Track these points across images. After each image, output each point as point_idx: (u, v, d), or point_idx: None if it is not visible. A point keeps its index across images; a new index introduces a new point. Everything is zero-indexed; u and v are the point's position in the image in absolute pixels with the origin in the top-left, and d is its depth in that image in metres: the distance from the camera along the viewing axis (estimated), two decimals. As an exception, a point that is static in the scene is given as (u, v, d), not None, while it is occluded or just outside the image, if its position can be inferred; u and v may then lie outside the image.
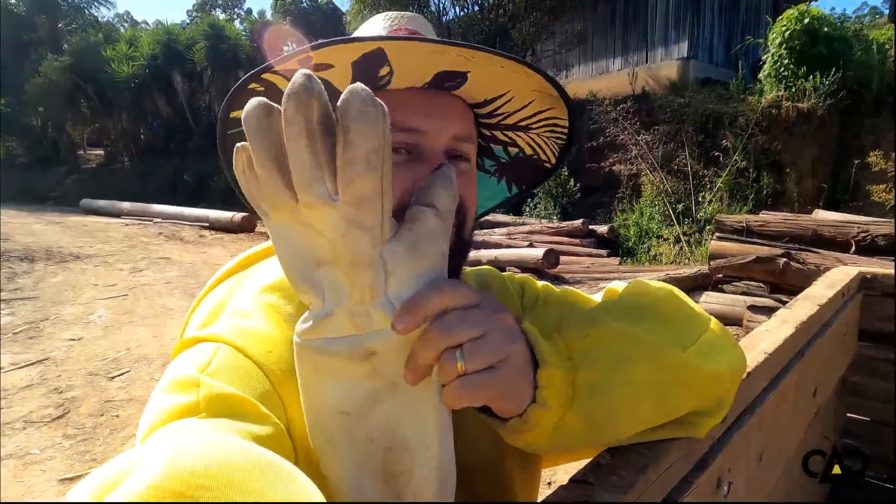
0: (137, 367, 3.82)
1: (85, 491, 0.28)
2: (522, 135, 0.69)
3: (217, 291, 0.70)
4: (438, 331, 0.41)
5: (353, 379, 0.42)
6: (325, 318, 0.41)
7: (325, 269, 0.41)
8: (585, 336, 0.48)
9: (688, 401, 0.52)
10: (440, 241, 0.42)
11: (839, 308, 1.16)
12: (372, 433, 0.43)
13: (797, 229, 4.38)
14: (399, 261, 0.40)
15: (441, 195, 0.43)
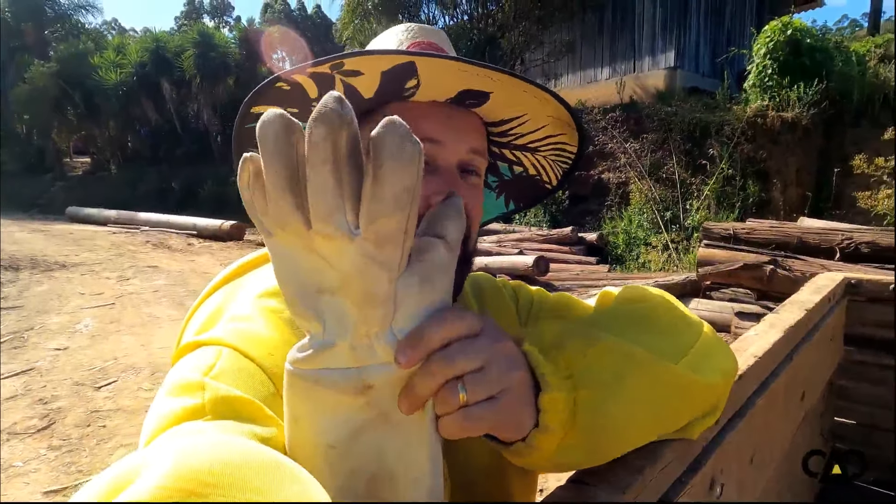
0: (125, 376, 3.77)
1: (93, 493, 0.28)
2: (529, 155, 0.70)
3: (213, 298, 0.70)
4: (440, 362, 0.40)
5: (345, 412, 0.40)
6: (324, 349, 0.39)
7: (329, 297, 0.39)
8: (585, 354, 0.48)
9: (685, 412, 0.53)
10: (449, 273, 0.42)
11: (825, 313, 1.18)
12: (355, 465, 0.41)
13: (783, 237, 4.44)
14: (410, 294, 0.39)
15: (451, 227, 0.42)
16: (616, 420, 0.46)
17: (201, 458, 0.28)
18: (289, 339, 0.57)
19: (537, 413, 0.44)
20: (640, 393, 0.48)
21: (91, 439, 2.97)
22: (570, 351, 0.48)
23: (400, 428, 0.41)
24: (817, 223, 5.31)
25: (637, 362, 0.49)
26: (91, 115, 16.35)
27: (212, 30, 17.11)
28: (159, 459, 0.28)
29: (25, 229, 10.87)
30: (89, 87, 15.54)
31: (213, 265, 7.64)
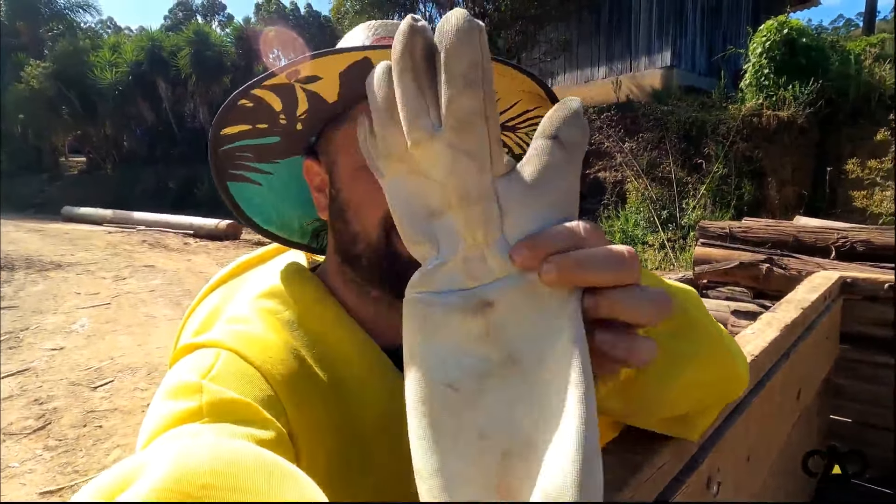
0: (121, 376, 3.76)
1: (91, 495, 0.28)
2: (510, 135, 0.69)
3: (211, 299, 0.70)
4: (636, 261, 0.34)
5: (464, 342, 0.34)
6: (437, 268, 0.36)
7: (438, 217, 0.37)
8: (674, 318, 0.46)
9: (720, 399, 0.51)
10: (565, 176, 0.36)
11: (821, 311, 1.18)
12: (485, 427, 0.33)
13: (779, 235, 4.46)
14: (516, 197, 0.35)
15: (565, 126, 0.36)
16: (670, 390, 0.45)
17: (199, 461, 0.28)
18: (287, 340, 0.57)
19: None
20: (699, 377, 0.46)
21: (87, 440, 2.96)
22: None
23: (534, 376, 0.32)
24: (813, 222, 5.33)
25: (709, 345, 0.47)
26: (87, 114, 16.29)
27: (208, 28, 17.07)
28: (157, 462, 0.28)
29: (21, 229, 10.83)
30: (85, 87, 15.49)
31: (209, 264, 7.62)
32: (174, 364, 0.55)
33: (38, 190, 16.76)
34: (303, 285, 0.63)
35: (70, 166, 19.02)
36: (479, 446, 0.33)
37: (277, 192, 0.68)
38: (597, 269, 0.32)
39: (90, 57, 15.70)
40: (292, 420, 0.52)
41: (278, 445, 0.46)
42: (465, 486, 0.32)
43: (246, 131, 0.59)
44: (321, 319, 0.61)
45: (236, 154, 0.62)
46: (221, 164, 0.62)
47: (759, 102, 8.07)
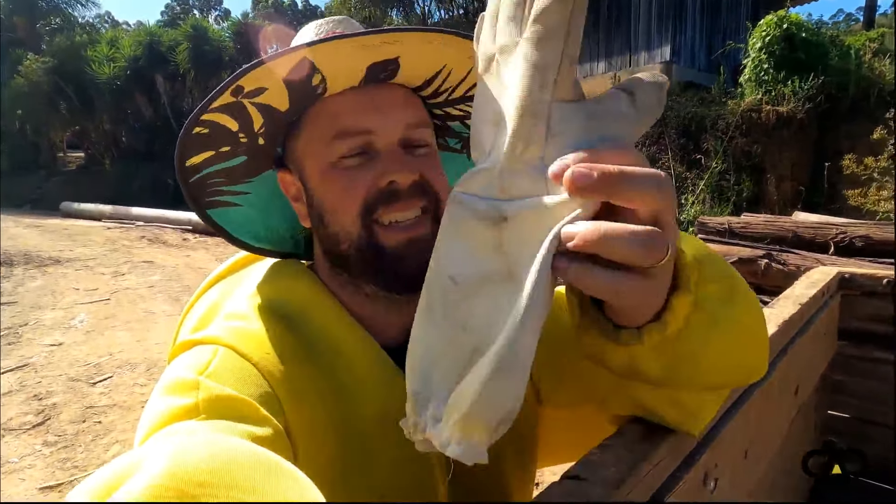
0: (120, 372, 3.76)
1: (86, 492, 0.28)
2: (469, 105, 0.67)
3: (209, 294, 0.70)
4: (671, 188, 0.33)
5: (479, 246, 0.37)
6: (479, 171, 0.38)
7: (498, 125, 0.37)
8: (719, 282, 0.44)
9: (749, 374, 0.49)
10: (628, 126, 0.36)
11: (820, 307, 1.18)
12: (469, 322, 0.37)
13: (778, 231, 4.46)
14: (570, 124, 0.35)
15: (645, 86, 0.37)
16: (708, 356, 0.43)
17: (194, 458, 0.28)
18: (285, 337, 0.57)
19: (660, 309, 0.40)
20: (738, 345, 0.45)
21: (86, 435, 2.97)
22: (706, 271, 0.43)
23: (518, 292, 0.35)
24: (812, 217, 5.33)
25: (751, 314, 0.46)
26: (85, 109, 16.23)
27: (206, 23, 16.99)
28: (152, 459, 0.28)
29: (20, 225, 10.81)
30: (83, 82, 15.42)
31: (208, 260, 7.62)
32: (172, 360, 0.55)
33: (36, 186, 16.72)
34: (301, 282, 0.63)
35: (68, 162, 18.96)
36: (460, 336, 0.38)
37: (260, 208, 0.68)
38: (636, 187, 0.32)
39: (88, 52, 15.62)
40: (290, 417, 0.52)
41: (275, 443, 0.46)
42: (438, 361, 0.39)
43: (210, 157, 0.59)
44: (320, 316, 0.61)
45: (208, 182, 0.62)
46: (195, 194, 0.62)
47: (758, 98, 8.06)
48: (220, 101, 0.53)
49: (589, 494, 0.44)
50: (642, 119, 0.37)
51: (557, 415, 0.72)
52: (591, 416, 0.65)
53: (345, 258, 0.60)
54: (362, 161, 0.57)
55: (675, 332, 0.40)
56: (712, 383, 0.46)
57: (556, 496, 0.44)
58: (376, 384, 0.59)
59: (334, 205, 0.59)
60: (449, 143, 0.74)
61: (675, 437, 0.54)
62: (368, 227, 0.58)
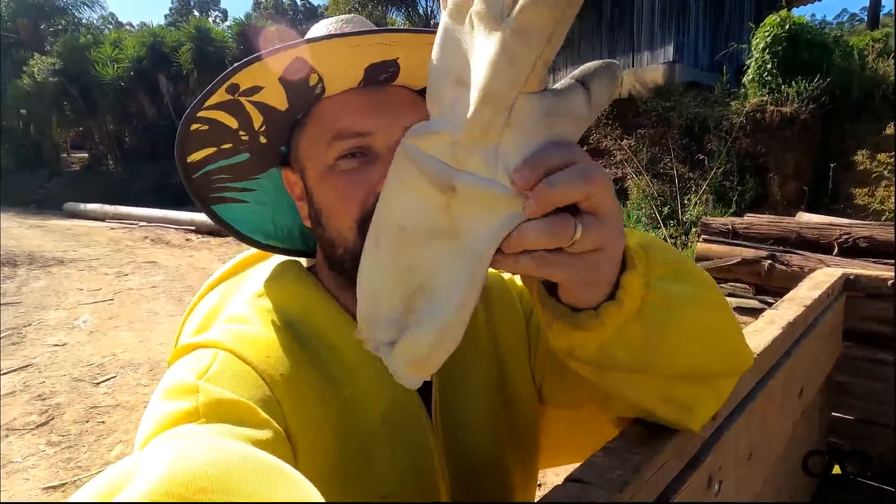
0: (123, 372, 3.77)
1: (86, 496, 0.28)
2: None
3: (211, 297, 0.70)
4: (570, 178, 0.37)
5: (426, 203, 0.41)
6: (430, 132, 0.40)
7: (461, 90, 0.39)
8: (667, 263, 0.46)
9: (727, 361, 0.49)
10: (579, 125, 0.39)
11: (824, 309, 1.18)
12: (414, 263, 0.42)
13: (781, 231, 4.44)
14: (528, 118, 0.37)
15: (599, 81, 0.39)
16: (674, 335, 0.44)
17: (194, 463, 0.28)
18: (285, 340, 0.57)
19: (613, 291, 0.42)
20: (703, 321, 0.45)
21: (90, 435, 2.97)
22: (653, 255, 0.45)
23: (463, 251, 0.41)
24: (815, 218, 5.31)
25: (709, 291, 0.47)
26: (89, 110, 16.29)
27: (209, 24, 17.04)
28: (151, 465, 0.28)
29: (23, 225, 10.85)
30: (87, 82, 15.48)
31: (211, 261, 7.63)
32: (172, 364, 0.55)
33: (39, 186, 16.78)
34: (302, 284, 0.63)
35: (71, 162, 19.03)
36: (405, 274, 0.43)
37: (267, 205, 0.68)
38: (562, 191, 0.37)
39: (92, 52, 15.68)
40: (290, 420, 0.52)
41: (276, 446, 0.46)
42: (385, 291, 0.44)
43: (212, 154, 0.58)
44: (320, 319, 0.60)
45: (212, 178, 0.61)
46: (200, 190, 0.61)
47: (762, 98, 8.03)
48: (216, 99, 0.53)
49: (592, 497, 0.44)
50: (593, 116, 0.40)
51: (559, 414, 0.72)
52: (592, 416, 0.64)
53: (339, 262, 0.59)
54: (360, 164, 0.57)
55: (633, 311, 0.42)
56: (690, 368, 0.46)
57: (558, 499, 0.44)
58: (377, 386, 0.59)
59: (331, 209, 0.58)
60: None
61: (678, 438, 0.54)
62: (364, 233, 0.57)
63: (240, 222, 0.66)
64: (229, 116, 0.55)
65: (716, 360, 0.48)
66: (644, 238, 0.47)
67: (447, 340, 0.42)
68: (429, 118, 0.60)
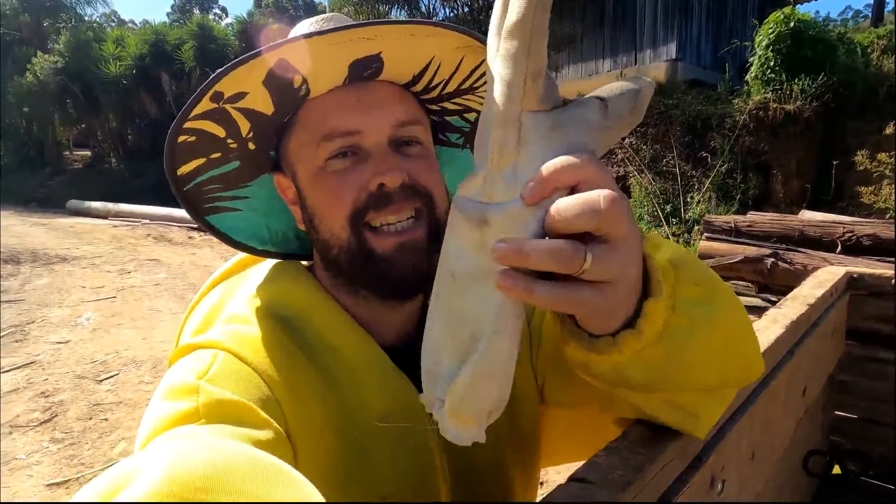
0: (126, 369, 3.78)
1: (87, 496, 0.28)
2: (472, 97, 0.65)
3: (212, 296, 0.70)
4: (614, 206, 0.35)
5: (467, 245, 0.42)
6: (471, 177, 0.42)
7: (490, 131, 0.41)
8: (698, 284, 0.45)
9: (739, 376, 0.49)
10: (593, 134, 0.39)
11: (827, 307, 1.17)
12: (466, 312, 0.42)
13: (784, 229, 4.43)
14: (537, 133, 0.39)
15: (618, 94, 0.40)
16: (692, 358, 0.43)
17: (194, 464, 0.28)
18: (285, 340, 0.57)
19: (634, 316, 0.41)
20: (722, 342, 0.45)
21: (93, 432, 2.98)
22: (683, 274, 0.44)
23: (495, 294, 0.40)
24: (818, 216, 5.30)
25: (733, 311, 0.46)
26: (91, 107, 16.30)
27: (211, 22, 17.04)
28: (151, 465, 0.28)
29: (26, 223, 10.87)
30: (89, 80, 15.49)
31: (213, 258, 7.64)
32: (172, 364, 0.55)
33: (41, 184, 16.80)
34: (301, 284, 0.63)
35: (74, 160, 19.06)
36: (459, 325, 0.42)
37: (261, 212, 0.67)
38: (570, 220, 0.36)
39: (94, 50, 15.68)
40: (290, 420, 0.52)
41: (276, 446, 0.46)
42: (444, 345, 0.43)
43: (202, 165, 0.58)
44: (319, 318, 0.60)
45: (204, 188, 0.61)
46: (193, 202, 0.61)
47: (765, 96, 8.00)
48: (201, 108, 0.52)
49: (594, 497, 0.44)
50: (613, 125, 0.40)
51: (561, 414, 0.72)
52: (594, 416, 0.64)
53: (336, 263, 0.59)
54: (351, 163, 0.56)
55: (655, 336, 0.41)
56: (703, 384, 0.46)
57: (561, 499, 0.44)
58: (376, 384, 0.59)
59: (323, 210, 0.58)
60: (450, 138, 0.73)
61: (681, 439, 0.54)
62: (358, 231, 0.57)
63: (234, 230, 0.66)
64: (216, 125, 0.55)
65: (728, 376, 0.48)
66: (676, 253, 0.46)
67: (479, 379, 0.41)
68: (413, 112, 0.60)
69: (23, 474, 2.60)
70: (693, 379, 0.45)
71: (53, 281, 6.20)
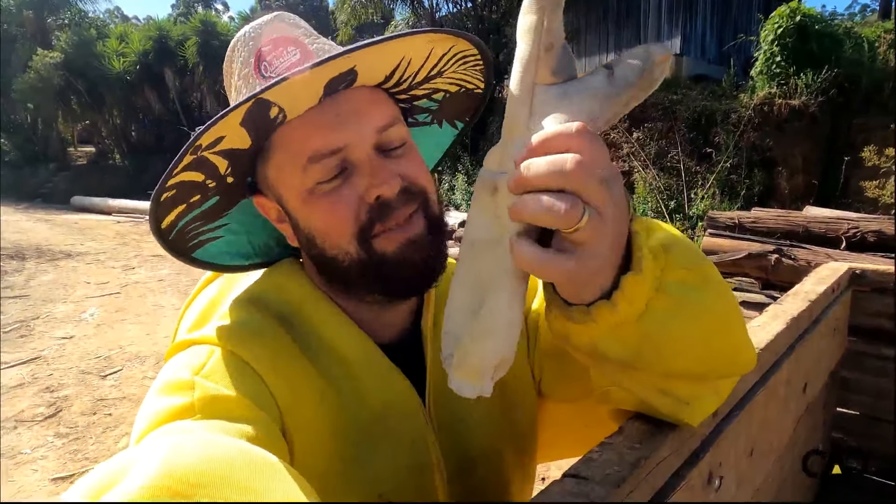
0: (130, 365, 3.80)
1: (81, 491, 0.28)
2: (439, 79, 0.65)
3: (208, 290, 0.70)
4: (582, 169, 0.37)
5: (485, 213, 0.44)
6: (492, 151, 0.45)
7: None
8: (689, 269, 0.45)
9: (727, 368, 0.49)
10: (597, 101, 0.41)
11: (829, 303, 1.17)
12: (480, 277, 0.45)
13: (788, 226, 4.41)
14: (546, 104, 0.41)
15: (625, 61, 0.42)
16: (674, 341, 0.43)
17: (188, 458, 0.28)
18: (281, 336, 0.57)
19: (611, 289, 0.42)
20: (707, 330, 0.45)
21: (97, 427, 3.01)
22: (674, 257, 0.44)
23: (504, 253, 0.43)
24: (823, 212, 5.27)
25: (723, 301, 0.46)
26: (95, 104, 16.32)
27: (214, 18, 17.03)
28: (146, 459, 0.28)
29: (31, 219, 10.92)
30: (93, 77, 15.51)
31: (217, 254, 7.66)
32: (168, 360, 0.55)
33: (46, 180, 16.86)
34: (297, 281, 0.63)
35: (78, 156, 19.12)
36: (475, 290, 0.45)
37: (242, 232, 0.66)
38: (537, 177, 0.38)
39: (98, 47, 15.69)
40: (286, 416, 0.52)
41: (271, 442, 0.46)
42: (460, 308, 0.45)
43: (182, 210, 0.57)
44: (315, 315, 0.60)
45: (186, 230, 0.60)
46: (178, 246, 0.60)
47: (770, 91, 7.95)
48: (181, 164, 0.51)
49: (590, 494, 0.44)
50: (622, 92, 0.41)
51: (558, 409, 0.72)
52: (591, 410, 0.64)
53: (345, 273, 0.58)
54: (342, 181, 0.55)
55: (635, 314, 0.42)
56: (687, 370, 0.46)
57: (556, 495, 0.44)
58: (373, 381, 0.59)
59: (324, 229, 0.57)
60: (418, 118, 0.72)
61: (678, 434, 0.54)
62: (366, 242, 0.56)
63: (219, 256, 0.65)
64: (195, 173, 0.54)
65: (713, 364, 0.47)
66: (670, 237, 0.46)
67: (480, 335, 0.43)
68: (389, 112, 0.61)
69: (28, 469, 2.62)
70: (676, 364, 0.45)
71: (58, 277, 6.24)
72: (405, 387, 0.61)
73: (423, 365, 0.64)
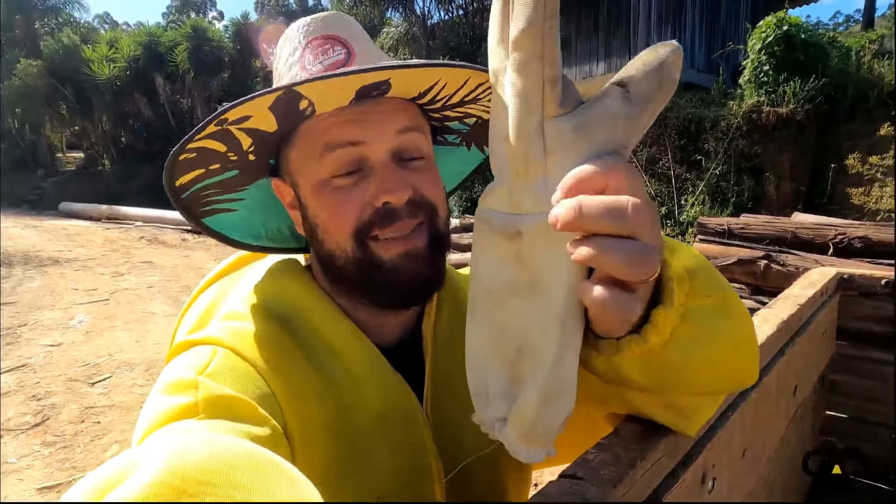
0: (119, 372, 3.76)
1: (84, 490, 0.28)
2: (473, 106, 0.66)
3: (207, 294, 0.70)
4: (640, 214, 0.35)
5: (501, 257, 0.41)
6: (493, 188, 0.42)
7: (505, 143, 0.40)
8: (710, 295, 0.44)
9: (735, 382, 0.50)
10: (619, 125, 0.37)
11: (818, 307, 1.18)
12: (506, 324, 0.41)
13: (777, 231, 4.46)
14: (561, 139, 0.37)
15: (639, 74, 0.37)
16: (694, 367, 0.43)
17: (193, 457, 0.28)
18: (283, 337, 0.57)
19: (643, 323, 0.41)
20: (725, 354, 0.45)
21: (85, 436, 2.96)
22: (699, 283, 0.44)
23: (544, 298, 0.39)
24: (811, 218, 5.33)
25: (741, 325, 0.46)
26: (84, 109, 16.22)
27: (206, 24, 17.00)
28: (151, 458, 0.28)
29: (18, 225, 10.80)
30: (82, 82, 15.41)
31: (207, 260, 7.61)
32: (170, 361, 0.55)
33: (35, 186, 16.70)
34: (298, 282, 0.63)
35: (66, 162, 18.95)
36: (501, 339, 0.42)
37: (257, 210, 0.68)
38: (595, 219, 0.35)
39: (87, 52, 15.60)
40: (288, 417, 0.52)
41: (274, 442, 0.46)
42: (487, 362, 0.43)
43: (200, 175, 0.59)
44: (316, 317, 0.61)
45: (202, 194, 0.61)
46: (189, 208, 0.61)
47: (758, 99, 8.06)
48: (205, 132, 0.53)
49: (585, 494, 0.44)
50: (642, 110, 0.37)
51: None
52: (587, 413, 0.65)
53: (340, 272, 0.59)
54: (355, 180, 0.56)
55: (659, 343, 0.41)
56: (701, 390, 0.47)
57: (552, 496, 0.44)
58: (373, 384, 0.59)
59: (326, 223, 0.58)
60: (448, 139, 0.73)
61: (672, 436, 0.54)
62: (363, 244, 0.57)
63: (230, 229, 0.66)
64: (218, 143, 0.55)
65: (723, 385, 0.49)
66: (694, 261, 0.45)
67: (551, 398, 0.40)
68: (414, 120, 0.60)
69: (13, 478, 2.58)
70: (691, 385, 0.45)
71: (46, 283, 6.16)
72: (404, 390, 0.61)
73: (422, 368, 0.65)
